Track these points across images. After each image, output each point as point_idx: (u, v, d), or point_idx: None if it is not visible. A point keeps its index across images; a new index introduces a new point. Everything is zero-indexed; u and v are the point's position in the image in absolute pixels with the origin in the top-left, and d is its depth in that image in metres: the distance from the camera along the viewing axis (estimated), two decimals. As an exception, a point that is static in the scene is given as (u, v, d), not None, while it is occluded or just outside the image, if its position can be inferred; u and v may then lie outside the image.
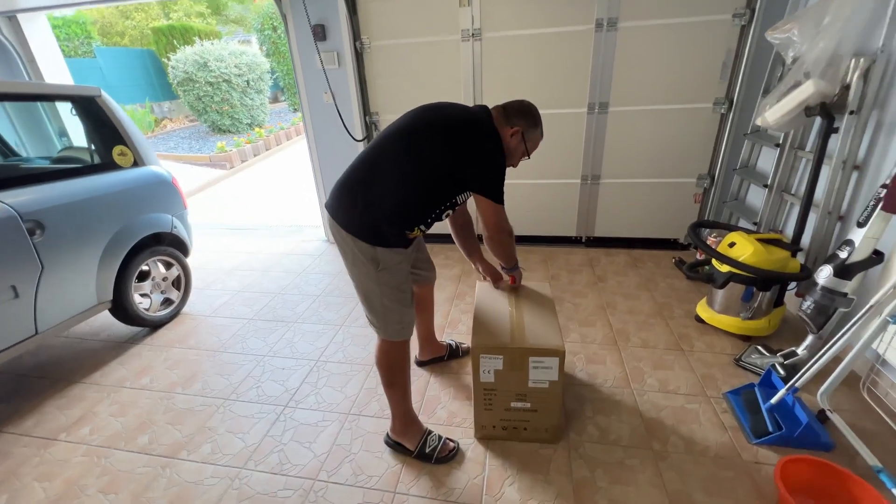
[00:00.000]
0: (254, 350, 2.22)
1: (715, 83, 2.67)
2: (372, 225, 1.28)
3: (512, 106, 1.40)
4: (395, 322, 1.39)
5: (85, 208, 1.97)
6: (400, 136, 1.32)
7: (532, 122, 1.40)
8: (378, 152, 1.31)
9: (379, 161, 1.30)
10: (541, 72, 2.82)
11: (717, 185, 2.88)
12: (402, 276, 1.37)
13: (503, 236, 1.43)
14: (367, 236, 1.28)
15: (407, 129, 1.31)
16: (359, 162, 1.33)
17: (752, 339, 2.06)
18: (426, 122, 1.32)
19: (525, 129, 1.37)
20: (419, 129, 1.31)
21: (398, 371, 1.47)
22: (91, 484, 1.51)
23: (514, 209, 3.28)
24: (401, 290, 1.37)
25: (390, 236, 1.30)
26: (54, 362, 2.20)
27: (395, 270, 1.34)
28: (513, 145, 1.37)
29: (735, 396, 1.71)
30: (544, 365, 1.39)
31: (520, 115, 1.38)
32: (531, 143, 1.42)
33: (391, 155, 1.29)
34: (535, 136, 1.43)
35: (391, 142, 1.31)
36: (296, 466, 1.53)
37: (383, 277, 1.33)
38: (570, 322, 2.31)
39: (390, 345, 1.42)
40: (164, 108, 9.06)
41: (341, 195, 1.33)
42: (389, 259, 1.32)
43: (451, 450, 1.52)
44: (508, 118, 1.37)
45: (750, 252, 1.93)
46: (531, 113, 1.41)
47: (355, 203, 1.29)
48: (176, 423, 1.76)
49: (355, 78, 2.97)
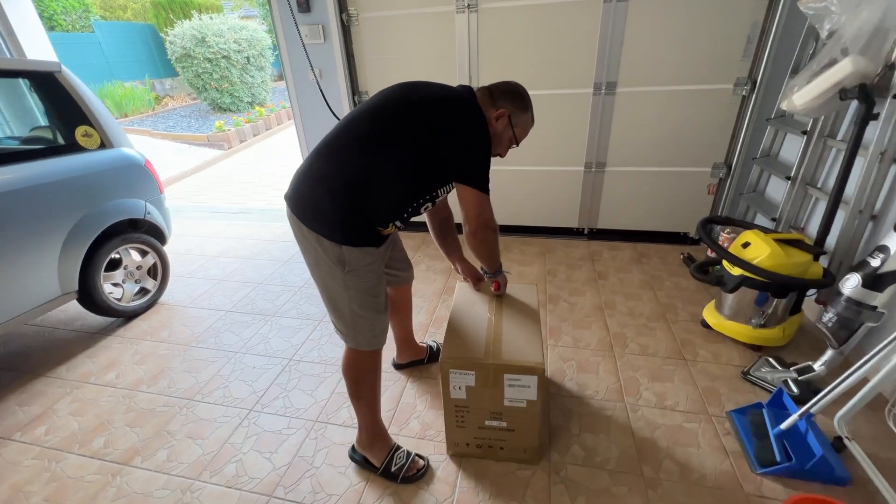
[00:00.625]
0: (227, 345, 2.11)
1: (737, 61, 2.39)
2: (338, 220, 1.12)
3: (498, 87, 1.25)
4: (365, 330, 1.24)
5: (41, 194, 1.84)
6: (370, 117, 1.14)
7: (521, 104, 1.25)
8: (344, 136, 1.14)
9: (346, 146, 1.13)
10: (542, 47, 2.57)
11: (733, 176, 2.63)
12: (373, 279, 1.21)
13: (487, 233, 1.25)
14: (333, 233, 1.12)
15: (377, 110, 1.14)
16: (323, 147, 1.16)
17: (764, 349, 1.87)
18: (399, 102, 1.14)
19: (513, 112, 1.22)
20: (391, 110, 1.13)
21: (366, 383, 1.33)
22: (37, 491, 1.42)
23: (511, 197, 3.12)
24: (372, 294, 1.22)
25: (359, 233, 1.14)
26: (23, 353, 2.12)
27: (365, 272, 1.18)
28: (499, 129, 1.22)
29: (740, 416, 1.53)
30: (521, 383, 1.23)
31: (507, 96, 1.23)
32: (520, 129, 1.27)
33: (360, 139, 1.12)
34: (525, 120, 1.27)
35: (360, 124, 1.14)
36: (252, 480, 1.42)
37: (351, 280, 1.17)
38: (564, 323, 2.14)
39: (359, 354, 1.28)
40: (165, 86, 8.90)
41: (302, 185, 1.17)
42: (358, 260, 1.15)
43: (419, 468, 1.38)
44: (494, 100, 1.23)
45: (766, 254, 1.72)
46: (520, 95, 1.26)
47: (318, 195, 1.12)
48: (135, 426, 1.66)
49: (342, 54, 2.76)
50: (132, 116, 7.55)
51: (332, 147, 1.15)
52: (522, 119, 1.26)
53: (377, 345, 1.28)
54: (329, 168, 1.13)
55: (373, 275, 1.20)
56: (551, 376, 1.79)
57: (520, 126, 1.26)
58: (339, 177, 1.11)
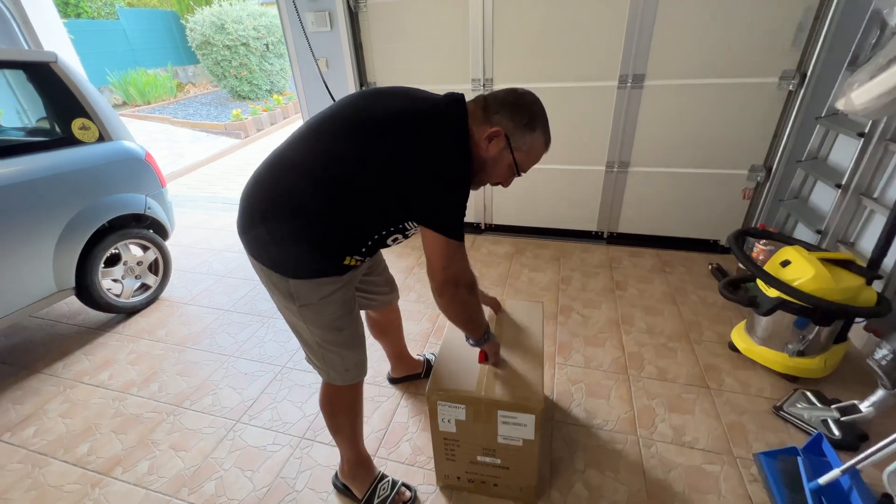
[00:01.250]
0: (221, 348, 2.04)
1: (784, 52, 2.13)
2: (284, 251, 0.95)
3: (497, 96, 0.96)
4: (335, 365, 1.11)
5: (34, 188, 1.79)
6: (318, 134, 0.96)
7: (525, 120, 0.95)
8: (291, 154, 0.96)
9: (292, 166, 0.95)
10: (564, 36, 2.36)
11: (773, 180, 2.38)
12: (333, 312, 1.03)
13: (458, 293, 0.98)
14: (279, 266, 0.97)
15: (327, 125, 0.96)
16: (267, 166, 0.98)
17: (801, 381, 1.66)
18: (348, 118, 0.94)
19: (512, 132, 0.94)
20: (338, 128, 0.94)
21: (344, 418, 1.21)
22: (16, 499, 1.38)
23: (525, 197, 2.94)
24: (334, 328, 1.06)
25: (309, 266, 0.97)
26: (23, 347, 2.12)
27: (322, 306, 1.01)
28: (491, 154, 0.95)
29: (770, 461, 1.35)
30: (516, 421, 1.10)
31: (506, 109, 0.94)
32: (522, 154, 0.97)
33: (306, 159, 0.94)
34: (531, 143, 0.97)
35: (308, 141, 0.96)
36: (230, 501, 1.34)
37: (307, 315, 1.02)
38: (575, 339, 1.98)
39: (335, 388, 1.15)
40: (188, 73, 8.98)
41: (245, 210, 0.99)
42: (310, 293, 0.99)
43: (405, 501, 1.27)
44: (488, 114, 0.95)
45: (810, 276, 1.51)
46: (524, 107, 0.95)
47: (261, 222, 0.95)
48: (120, 432, 1.61)
49: (349, 42, 2.62)
50: (154, 104, 7.65)
51: (276, 167, 0.97)
52: (527, 141, 0.96)
53: (352, 379, 1.14)
54: (272, 192, 0.95)
55: (332, 307, 1.02)
56: (557, 400, 1.65)
57: (522, 150, 0.97)
58: (284, 203, 0.93)
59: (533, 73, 2.49)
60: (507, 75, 2.54)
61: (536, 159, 1.01)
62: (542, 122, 0.97)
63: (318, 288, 0.99)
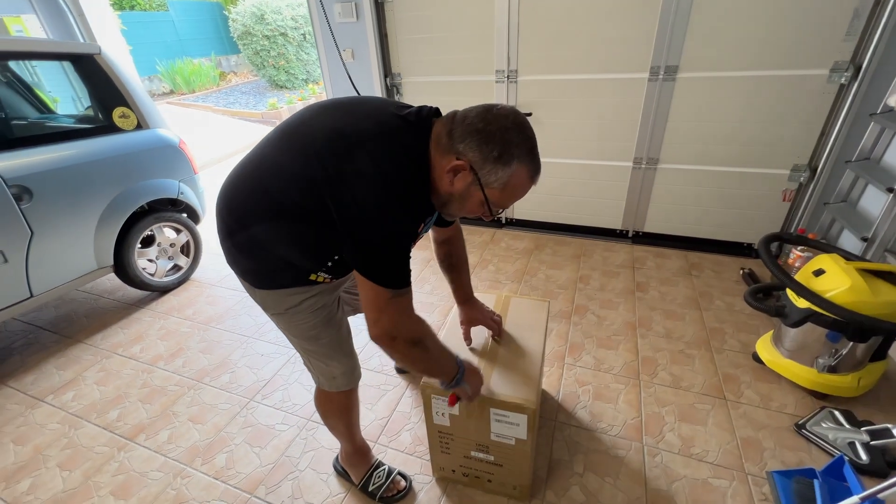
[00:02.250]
0: (242, 328, 2.15)
1: (837, 42, 1.95)
2: (249, 261, 0.93)
3: (466, 119, 0.79)
4: (322, 372, 1.11)
5: (78, 173, 1.93)
6: (265, 150, 0.89)
7: (495, 153, 0.76)
8: (253, 165, 0.89)
9: (253, 177, 0.88)
10: (592, 25, 2.26)
11: (818, 181, 2.20)
12: (306, 320, 0.99)
13: (395, 346, 0.85)
14: (246, 274, 0.96)
15: (272, 143, 0.88)
16: (234, 175, 0.92)
17: (829, 399, 1.55)
18: (287, 135, 0.86)
19: (479, 166, 0.77)
20: (286, 140, 0.85)
21: (336, 421, 1.24)
22: (53, 456, 1.52)
23: (547, 192, 2.87)
24: (310, 337, 1.02)
25: (274, 278, 0.94)
26: (69, 318, 2.30)
27: (291, 316, 0.98)
28: (456, 188, 0.80)
29: (784, 480, 1.28)
30: (509, 420, 1.09)
31: (472, 137, 0.77)
32: (496, 192, 0.81)
33: (259, 174, 0.87)
34: (506, 178, 0.79)
35: (263, 154, 0.88)
36: (238, 474, 1.42)
37: (281, 324, 1.02)
38: (587, 340, 1.93)
39: (325, 394, 1.16)
40: (230, 62, 9.34)
41: (218, 221, 0.95)
42: (277, 303, 0.96)
43: (399, 490, 1.30)
44: (452, 141, 0.78)
45: (845, 287, 1.39)
46: (496, 136, 0.76)
47: (230, 234, 0.91)
48: (146, 402, 1.73)
49: (374, 33, 2.63)
50: (198, 92, 8.03)
51: (237, 179, 0.90)
52: (499, 176, 0.78)
53: (340, 387, 1.12)
54: (236, 201, 0.90)
55: (302, 316, 0.98)
56: (562, 401, 1.62)
57: (495, 187, 0.79)
58: (247, 215, 0.88)
59: (558, 65, 2.41)
60: (532, 67, 2.47)
61: (517, 196, 0.84)
62: (522, 151, 0.78)
63: (283, 298, 0.96)
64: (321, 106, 0.89)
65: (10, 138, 1.83)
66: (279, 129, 0.90)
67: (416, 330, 0.88)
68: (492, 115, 0.78)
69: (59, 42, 2.31)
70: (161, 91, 8.13)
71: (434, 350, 0.93)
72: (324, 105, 0.89)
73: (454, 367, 0.99)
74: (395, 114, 0.84)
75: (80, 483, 1.42)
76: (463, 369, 1.01)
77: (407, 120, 0.83)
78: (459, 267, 1.28)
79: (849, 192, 2.13)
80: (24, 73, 2.22)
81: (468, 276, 1.32)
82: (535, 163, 0.81)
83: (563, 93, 2.47)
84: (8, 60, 1.94)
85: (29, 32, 3.34)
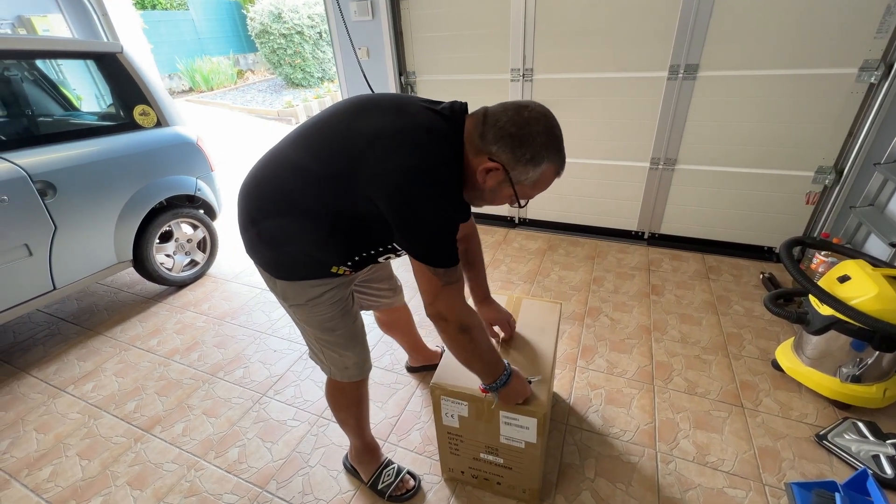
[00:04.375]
0: (255, 324, 2.17)
1: (867, 39, 1.88)
2: (273, 252, 0.95)
3: (498, 120, 0.81)
4: (335, 363, 1.12)
5: (100, 170, 1.98)
6: (298, 143, 0.90)
7: (528, 156, 0.80)
8: (279, 159, 0.92)
9: (278, 173, 0.91)
10: (609, 22, 2.22)
11: (844, 184, 2.13)
12: (324, 312, 1.02)
13: (448, 329, 0.90)
14: (268, 266, 0.98)
15: (309, 136, 0.89)
16: (263, 165, 0.94)
17: (852, 409, 1.50)
18: (330, 131, 0.87)
19: (512, 167, 0.81)
20: (318, 140, 0.87)
21: (346, 414, 1.25)
22: (73, 445, 1.57)
23: (561, 192, 2.83)
24: (327, 329, 1.04)
25: (297, 269, 0.96)
26: (90, 310, 2.37)
27: (311, 307, 1.00)
28: (489, 185, 0.85)
29: (803, 492, 1.24)
30: (518, 423, 1.08)
31: (505, 140, 0.80)
32: (525, 188, 0.86)
33: (288, 168, 0.89)
34: (536, 176, 0.84)
35: (294, 148, 0.90)
36: (250, 468, 1.44)
37: (299, 314, 1.04)
38: (601, 343, 1.91)
39: (337, 384, 1.18)
40: (248, 60, 9.47)
41: (241, 209, 0.97)
42: (297, 295, 0.99)
43: (408, 489, 1.30)
44: (486, 142, 0.81)
45: (871, 295, 1.34)
46: (529, 139, 0.79)
47: (255, 222, 0.94)
48: (162, 394, 1.77)
49: (390, 31, 2.63)
50: (217, 90, 8.17)
51: (267, 169, 0.93)
52: (530, 175, 0.83)
53: (352, 377, 1.15)
54: (260, 195, 0.93)
55: (321, 308, 1.01)
56: (573, 404, 1.60)
57: (525, 184, 0.85)
58: (269, 207, 0.91)
59: (575, 63, 2.38)
60: (548, 65, 2.44)
61: (544, 188, 0.89)
62: (552, 151, 0.82)
63: (305, 290, 0.98)
64: (353, 107, 0.89)
65: (36, 135, 1.88)
66: (308, 127, 0.91)
67: (466, 317, 0.92)
68: (523, 118, 0.80)
69: (82, 41, 2.36)
70: (180, 89, 8.30)
71: (481, 343, 0.96)
72: (355, 107, 0.89)
73: (500, 368, 1.01)
74: (427, 107, 0.87)
75: (98, 472, 1.46)
76: (510, 374, 1.02)
77: (442, 115, 0.86)
78: (476, 264, 1.28)
79: (877, 195, 2.05)
80: (49, 72, 2.27)
81: (485, 273, 1.33)
82: (561, 159, 0.86)
83: (580, 92, 2.43)
84: (35, 59, 1.99)
85: (55, 32, 3.44)
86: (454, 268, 0.87)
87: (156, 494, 1.37)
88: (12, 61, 1.91)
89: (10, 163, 1.70)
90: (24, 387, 1.85)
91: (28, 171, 1.73)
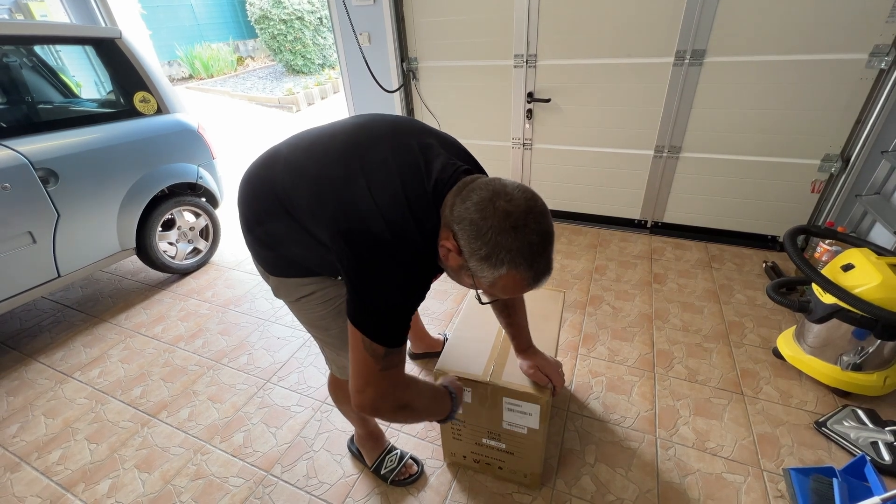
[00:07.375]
0: (259, 312, 2.19)
1: (878, 24, 1.84)
2: (268, 249, 0.94)
3: (471, 195, 0.70)
4: (334, 360, 1.12)
5: (102, 157, 1.97)
6: (307, 154, 0.85)
7: (483, 252, 0.68)
8: (275, 167, 0.88)
9: (272, 187, 0.87)
10: (615, 5, 2.17)
11: (851, 172, 2.11)
12: (315, 310, 0.99)
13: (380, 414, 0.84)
14: (263, 261, 0.98)
15: (307, 159, 0.84)
16: (259, 166, 0.93)
17: (852, 397, 1.51)
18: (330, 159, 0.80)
19: (468, 255, 0.70)
20: (312, 171, 0.82)
21: (348, 407, 1.27)
22: (82, 429, 1.59)
23: (564, 179, 2.82)
24: (321, 327, 1.03)
25: (289, 267, 0.96)
26: (94, 298, 2.38)
27: (303, 304, 0.99)
28: (450, 264, 0.76)
29: (801, 478, 1.25)
30: (521, 409, 1.09)
31: (465, 224, 0.69)
32: (485, 286, 0.74)
33: (275, 189, 0.86)
34: (495, 278, 0.71)
35: (303, 156, 0.85)
36: (255, 453, 1.46)
37: (294, 309, 1.04)
38: (602, 331, 1.91)
39: (338, 381, 1.19)
40: (248, 47, 9.34)
41: (243, 213, 0.95)
42: (290, 292, 0.99)
43: (411, 474, 1.32)
44: (453, 217, 0.71)
45: (875, 283, 1.34)
46: (486, 234, 0.67)
47: (259, 223, 0.92)
48: (168, 380, 1.79)
49: (392, 16, 2.58)
50: (216, 77, 8.08)
51: (262, 170, 0.91)
52: (486, 275, 0.71)
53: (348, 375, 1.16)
54: (249, 198, 0.93)
55: (312, 305, 0.99)
56: (574, 391, 1.62)
57: (483, 282, 0.73)
58: (256, 215, 0.91)
59: (579, 49, 2.34)
60: (552, 51, 2.40)
61: (512, 295, 0.77)
62: (518, 258, 0.67)
63: (296, 288, 0.98)
64: (362, 141, 0.81)
65: (37, 122, 1.87)
66: (309, 138, 0.88)
67: (402, 398, 0.83)
68: (491, 209, 0.67)
69: (80, 26, 2.33)
70: (180, 76, 8.21)
71: (421, 407, 0.90)
72: (364, 141, 0.81)
73: (447, 404, 0.98)
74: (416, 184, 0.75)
75: (106, 455, 1.48)
76: (456, 398, 1.01)
77: (426, 193, 0.75)
78: (517, 308, 1.09)
79: (883, 183, 2.03)
80: (48, 58, 2.24)
81: (526, 319, 1.11)
82: (534, 268, 0.69)
83: (584, 78, 2.40)
84: (32, 45, 1.96)
85: (52, 17, 3.39)
86: (399, 349, 0.77)
87: (163, 477, 1.40)
88: (10, 47, 1.89)
89: (12, 150, 1.69)
90: (32, 372, 1.87)
91: (30, 159, 1.72)
